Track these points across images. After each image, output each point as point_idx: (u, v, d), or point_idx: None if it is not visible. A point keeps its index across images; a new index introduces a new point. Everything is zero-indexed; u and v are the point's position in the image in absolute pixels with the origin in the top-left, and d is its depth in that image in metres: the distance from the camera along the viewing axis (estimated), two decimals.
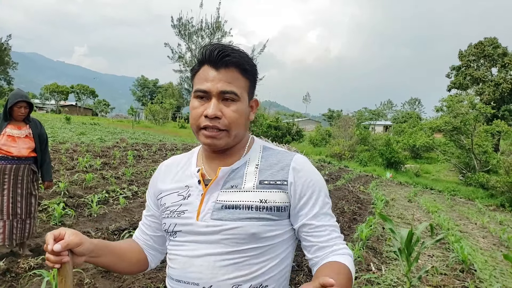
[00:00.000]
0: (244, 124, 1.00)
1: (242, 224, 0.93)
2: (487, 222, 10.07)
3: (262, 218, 0.94)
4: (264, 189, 0.96)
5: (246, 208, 0.94)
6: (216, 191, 0.98)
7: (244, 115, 0.99)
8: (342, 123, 32.19)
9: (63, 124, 23.36)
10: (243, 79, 0.98)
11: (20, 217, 3.66)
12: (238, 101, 0.97)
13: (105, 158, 11.21)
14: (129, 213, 5.82)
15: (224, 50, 0.95)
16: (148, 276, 3.57)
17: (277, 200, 0.96)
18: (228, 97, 0.95)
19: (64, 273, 0.87)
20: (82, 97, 69.79)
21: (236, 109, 0.96)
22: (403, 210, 10.20)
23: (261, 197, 0.95)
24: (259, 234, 0.93)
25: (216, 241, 0.94)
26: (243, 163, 1.01)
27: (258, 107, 1.08)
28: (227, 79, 0.95)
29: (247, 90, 1.00)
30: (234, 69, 0.96)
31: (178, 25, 22.03)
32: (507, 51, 32.49)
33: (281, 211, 0.96)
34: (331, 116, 66.35)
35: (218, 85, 0.94)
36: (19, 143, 3.63)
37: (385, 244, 5.85)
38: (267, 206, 0.94)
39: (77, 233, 0.90)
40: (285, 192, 0.96)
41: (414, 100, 77.62)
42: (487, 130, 23.49)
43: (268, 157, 1.03)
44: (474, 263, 5.24)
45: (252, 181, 0.97)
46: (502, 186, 16.67)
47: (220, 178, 0.99)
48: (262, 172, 0.99)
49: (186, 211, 1.00)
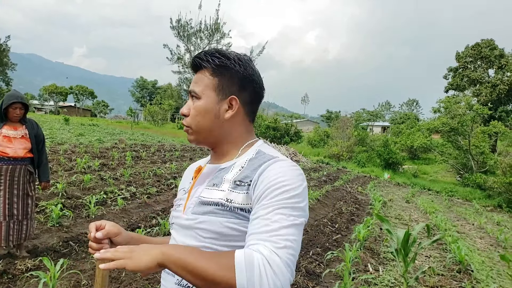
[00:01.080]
0: (207, 120, 1.02)
1: (207, 218, 0.95)
2: (484, 222, 10.10)
3: (226, 215, 0.93)
4: (234, 190, 0.95)
5: (214, 204, 0.96)
6: (201, 187, 1.04)
7: (205, 112, 1.02)
8: (340, 124, 32.23)
9: (61, 125, 23.31)
10: (210, 78, 1.03)
11: (17, 218, 3.65)
12: (198, 99, 1.03)
13: (104, 159, 11.20)
14: (127, 214, 5.82)
15: (198, 55, 1.05)
16: (146, 277, 3.57)
17: (240, 202, 0.93)
18: (192, 95, 1.05)
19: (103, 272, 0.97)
20: (81, 98, 69.71)
21: (195, 106, 1.03)
22: (401, 211, 10.22)
23: (228, 196, 0.95)
24: (223, 231, 0.92)
25: (191, 234, 0.98)
26: (231, 164, 1.03)
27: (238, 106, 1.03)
28: (195, 80, 1.05)
29: (213, 88, 1.02)
30: (205, 70, 1.04)
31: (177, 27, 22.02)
32: (504, 53, 32.59)
33: (245, 212, 0.92)
34: (329, 117, 66.45)
35: (190, 86, 1.06)
36: (15, 144, 3.63)
37: (383, 245, 5.87)
38: (231, 206, 0.93)
39: (115, 225, 1.02)
40: (247, 193, 0.93)
41: (412, 101, 77.81)
42: (484, 131, 23.56)
43: (255, 160, 0.99)
44: (471, 263, 5.26)
45: (229, 182, 0.98)
46: (499, 187, 16.70)
47: (205, 175, 1.05)
48: (242, 174, 0.97)
49: (181, 204, 1.08)
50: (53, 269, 3.03)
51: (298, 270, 4.14)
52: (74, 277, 3.38)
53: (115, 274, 3.56)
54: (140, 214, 5.89)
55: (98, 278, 0.96)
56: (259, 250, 0.79)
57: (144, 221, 5.50)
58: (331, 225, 6.83)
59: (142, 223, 5.35)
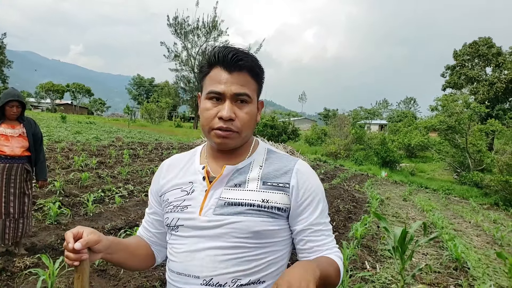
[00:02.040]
0: (253, 125, 1.05)
1: (242, 218, 0.97)
2: (481, 220, 10.15)
3: (262, 215, 0.98)
4: (267, 190, 1.00)
5: (248, 205, 0.98)
6: (220, 188, 1.02)
7: (254, 116, 1.04)
8: (338, 122, 32.27)
9: (58, 123, 23.23)
10: (254, 82, 1.03)
11: (13, 216, 3.65)
12: (250, 103, 1.01)
13: (101, 157, 11.18)
14: (125, 212, 5.82)
15: (238, 54, 0.99)
16: (144, 275, 3.58)
17: (278, 201, 1.00)
18: (241, 99, 0.99)
19: (82, 270, 0.92)
20: (78, 96, 69.43)
21: (248, 111, 1.01)
22: (398, 209, 10.26)
23: (263, 197, 0.99)
24: (259, 230, 0.97)
25: (218, 235, 0.97)
26: (248, 163, 1.06)
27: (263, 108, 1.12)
28: (240, 82, 0.99)
29: (256, 93, 1.05)
30: (245, 72, 1.00)
31: (174, 24, 21.96)
32: (501, 51, 32.71)
33: (282, 211, 1.01)
34: (327, 115, 66.52)
35: (232, 87, 0.98)
36: (12, 142, 3.62)
37: (380, 243, 5.90)
38: (268, 206, 0.99)
39: (94, 231, 0.95)
40: (287, 195, 1.01)
41: (409, 99, 78.01)
42: (481, 129, 23.65)
43: (272, 160, 1.07)
44: (467, 261, 5.29)
45: (256, 182, 1.02)
46: (496, 185, 16.78)
47: (224, 176, 1.03)
48: (266, 173, 1.03)
49: (189, 206, 1.03)
50: (51, 266, 3.03)
51: None
52: (73, 274, 3.38)
53: (113, 272, 3.56)
54: (138, 212, 5.89)
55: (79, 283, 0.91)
56: (339, 255, 1.05)
57: (142, 218, 5.48)
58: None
59: (140, 221, 5.35)
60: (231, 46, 1.02)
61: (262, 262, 0.99)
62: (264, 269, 1.00)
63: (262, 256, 0.99)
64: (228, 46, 1.02)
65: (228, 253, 0.97)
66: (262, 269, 0.99)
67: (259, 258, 0.99)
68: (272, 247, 1.01)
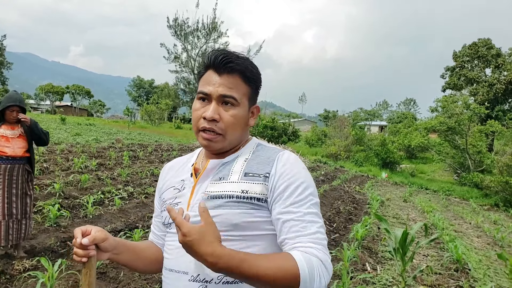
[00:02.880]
0: (241, 129, 1.03)
1: (221, 212, 0.95)
2: (481, 221, 10.14)
3: (241, 206, 0.96)
4: (247, 181, 0.98)
5: (227, 197, 0.97)
6: (205, 182, 1.02)
7: (242, 120, 1.02)
8: (338, 123, 32.26)
9: (58, 125, 23.22)
10: (245, 86, 1.02)
11: (16, 217, 3.65)
12: (237, 106, 1.00)
13: (101, 159, 11.16)
14: (124, 214, 5.80)
15: (228, 56, 0.99)
16: (144, 277, 3.57)
17: (257, 191, 0.97)
18: (227, 101, 0.99)
19: (90, 266, 0.94)
20: (78, 97, 69.44)
21: (234, 114, 1.00)
22: (398, 210, 10.25)
23: (242, 187, 0.97)
24: (238, 223, 0.95)
25: None
26: (234, 157, 1.05)
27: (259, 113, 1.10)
28: (228, 84, 0.99)
29: (247, 97, 1.03)
30: (236, 75, 1.00)
31: (174, 26, 21.98)
32: (500, 52, 32.74)
33: (262, 201, 0.97)
34: (327, 116, 66.53)
35: (219, 89, 0.99)
36: (13, 143, 3.63)
37: (381, 244, 5.88)
38: (247, 196, 0.96)
39: (102, 230, 0.97)
40: (265, 184, 0.97)
41: (409, 101, 78.07)
42: (481, 130, 23.65)
43: (259, 152, 1.06)
44: (468, 262, 5.28)
45: (238, 173, 1.00)
46: (496, 185, 16.77)
47: (209, 170, 1.03)
48: (249, 166, 1.02)
49: (180, 202, 1.04)
50: (51, 269, 3.02)
51: None
52: (72, 277, 3.37)
53: (113, 274, 3.55)
54: (138, 214, 5.87)
55: (86, 279, 0.94)
56: (314, 253, 0.89)
57: (142, 221, 5.48)
58: (329, 225, 6.84)
59: (140, 223, 5.33)
60: (226, 49, 1.02)
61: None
62: None
63: (249, 250, 0.95)
64: (221, 49, 1.03)
65: None
66: None
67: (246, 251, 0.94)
68: (257, 241, 0.97)
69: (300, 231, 0.92)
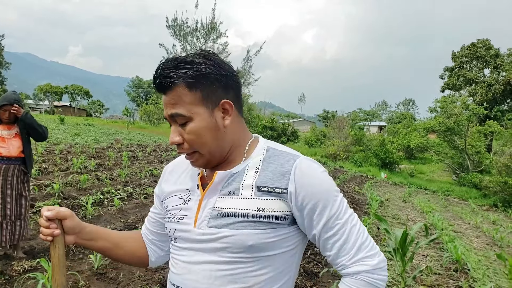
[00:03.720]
0: (212, 138, 0.91)
1: (235, 232, 0.88)
2: (480, 222, 10.16)
3: (257, 226, 0.88)
4: (263, 197, 0.89)
5: (242, 216, 0.88)
6: (214, 197, 0.94)
7: (205, 130, 0.90)
8: (337, 123, 32.29)
9: (57, 125, 23.19)
10: (190, 93, 0.88)
11: (10, 218, 3.62)
12: (190, 121, 0.89)
13: (100, 159, 11.15)
14: (124, 214, 5.79)
15: (160, 73, 0.89)
16: (144, 278, 3.56)
17: (275, 209, 0.89)
18: (178, 120, 0.90)
19: (56, 246, 0.96)
20: (76, 97, 69.39)
21: (190, 130, 0.89)
22: (398, 210, 10.26)
23: (258, 205, 0.89)
24: (253, 244, 0.88)
25: (212, 249, 0.91)
26: (243, 167, 0.95)
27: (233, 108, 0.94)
28: (171, 102, 0.89)
29: (200, 102, 0.89)
30: (177, 87, 0.88)
31: (173, 26, 21.95)
32: (499, 53, 32.83)
33: (281, 219, 0.89)
34: (326, 116, 66.58)
35: (167, 110, 0.90)
36: (8, 144, 3.60)
37: (380, 244, 5.89)
38: (264, 215, 0.88)
39: (68, 210, 0.99)
40: (285, 201, 0.89)
41: (408, 101, 78.16)
42: (480, 130, 23.71)
43: (270, 160, 0.94)
44: (467, 262, 5.29)
45: (250, 187, 0.91)
46: (495, 186, 16.79)
47: (217, 183, 0.94)
48: (262, 177, 0.91)
49: (185, 216, 0.97)
50: (50, 270, 3.01)
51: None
52: (72, 278, 3.36)
53: (112, 275, 3.54)
54: (137, 214, 5.86)
55: (55, 259, 0.96)
56: (360, 270, 0.90)
57: (141, 221, 5.47)
58: None
59: (139, 223, 5.32)
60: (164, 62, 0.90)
61: (262, 279, 0.90)
62: (264, 287, 0.91)
63: (261, 272, 0.90)
64: (160, 66, 0.90)
65: (223, 269, 0.90)
66: (262, 287, 0.91)
67: (258, 274, 0.90)
68: (272, 261, 0.91)
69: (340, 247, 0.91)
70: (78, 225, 1.00)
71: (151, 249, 1.17)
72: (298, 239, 0.96)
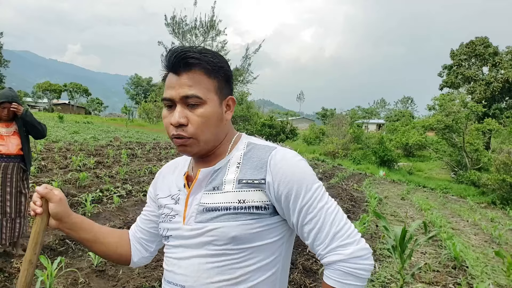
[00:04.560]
0: (215, 127, 0.94)
1: (219, 224, 0.91)
2: (478, 219, 10.19)
3: (240, 218, 0.91)
4: (243, 189, 0.92)
5: (224, 209, 0.92)
6: (199, 193, 0.97)
7: (213, 117, 0.93)
8: (336, 121, 32.31)
9: (56, 123, 23.16)
10: (208, 80, 0.92)
11: (10, 216, 3.62)
12: (204, 104, 0.91)
13: (99, 157, 11.14)
14: (123, 212, 5.80)
15: (182, 52, 0.91)
16: (143, 275, 3.57)
17: (255, 200, 0.91)
18: (191, 101, 0.91)
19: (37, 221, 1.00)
20: (75, 95, 69.23)
21: (201, 113, 0.91)
22: (396, 207, 10.29)
23: (239, 197, 0.92)
24: (236, 235, 0.90)
25: (200, 244, 0.94)
26: (225, 162, 0.98)
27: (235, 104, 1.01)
28: (188, 83, 0.91)
29: (215, 91, 0.94)
30: (196, 71, 0.91)
31: (171, 24, 21.89)
32: (497, 50, 32.85)
33: (261, 209, 0.92)
34: (325, 114, 66.57)
35: (180, 90, 0.90)
36: (7, 141, 3.59)
37: (379, 242, 5.90)
38: (245, 206, 0.91)
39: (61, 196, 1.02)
40: (263, 191, 0.92)
41: (406, 99, 78.13)
42: (478, 128, 23.76)
43: (250, 154, 0.98)
44: (466, 260, 5.31)
45: (232, 182, 0.94)
46: (493, 183, 16.85)
47: (201, 180, 0.97)
48: (243, 172, 0.95)
49: (176, 215, 1.00)
50: (50, 267, 3.01)
51: (295, 267, 4.16)
52: (71, 275, 3.37)
53: (112, 272, 3.55)
54: (137, 212, 5.87)
55: (31, 235, 0.99)
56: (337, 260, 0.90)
57: None
58: None
59: None
60: (180, 46, 0.94)
61: (249, 270, 0.92)
62: (251, 278, 0.93)
63: (247, 263, 0.92)
64: (176, 47, 0.94)
65: (210, 262, 0.92)
66: (249, 278, 0.92)
67: (244, 265, 0.92)
68: (258, 252, 0.93)
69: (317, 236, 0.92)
70: (64, 212, 1.01)
71: (136, 249, 1.17)
72: (284, 230, 0.97)
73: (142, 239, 1.17)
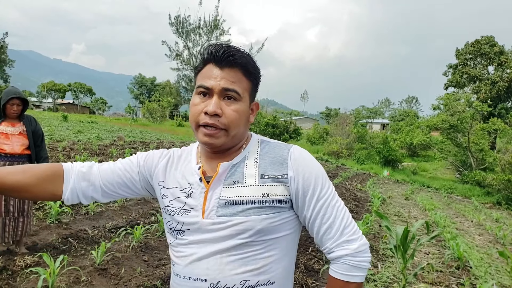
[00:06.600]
0: (243, 125, 1.01)
1: (246, 218, 0.95)
2: (483, 219, 10.13)
3: (264, 211, 0.96)
4: (266, 183, 0.97)
5: (249, 202, 0.96)
6: (218, 187, 0.99)
7: (244, 115, 1.00)
8: (340, 121, 32.23)
9: (60, 122, 23.28)
10: (246, 81, 1.00)
11: (13, 215, 3.64)
12: (239, 101, 0.98)
13: (103, 156, 11.19)
14: (126, 211, 5.82)
15: (230, 50, 0.97)
16: (145, 274, 3.58)
17: (278, 193, 0.97)
18: (230, 95, 0.97)
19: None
20: (80, 95, 69.57)
21: (236, 109, 0.97)
22: (400, 208, 10.24)
23: (263, 191, 0.97)
24: (262, 228, 0.95)
25: (223, 237, 0.96)
26: (243, 157, 1.02)
27: (258, 110, 1.09)
28: (230, 78, 0.97)
29: (249, 92, 1.01)
30: (238, 69, 0.98)
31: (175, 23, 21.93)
32: (503, 50, 32.62)
33: (283, 203, 0.98)
34: (329, 114, 66.45)
35: (221, 82, 0.96)
36: (12, 141, 3.61)
37: (382, 242, 5.88)
38: (269, 199, 0.96)
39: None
40: (286, 185, 0.98)
41: (411, 98, 77.83)
42: (483, 128, 23.60)
43: (267, 150, 1.04)
44: (469, 260, 5.27)
45: (253, 176, 0.99)
46: (498, 184, 16.74)
47: (221, 174, 1.00)
48: (262, 166, 1.00)
49: (192, 209, 1.00)
50: (52, 265, 3.03)
51: (297, 266, 4.15)
52: (74, 273, 3.38)
53: (114, 271, 3.56)
54: (139, 211, 5.89)
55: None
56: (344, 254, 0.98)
57: (143, 217, 5.50)
58: None
59: (141, 219, 5.35)
60: (226, 44, 1.00)
61: (270, 261, 0.98)
62: (272, 268, 0.98)
63: (268, 254, 0.98)
64: (222, 43, 1.00)
65: (233, 254, 0.95)
66: (270, 268, 0.98)
67: (266, 256, 0.97)
68: (277, 243, 0.99)
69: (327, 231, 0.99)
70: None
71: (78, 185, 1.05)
72: (296, 223, 1.05)
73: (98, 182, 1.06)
